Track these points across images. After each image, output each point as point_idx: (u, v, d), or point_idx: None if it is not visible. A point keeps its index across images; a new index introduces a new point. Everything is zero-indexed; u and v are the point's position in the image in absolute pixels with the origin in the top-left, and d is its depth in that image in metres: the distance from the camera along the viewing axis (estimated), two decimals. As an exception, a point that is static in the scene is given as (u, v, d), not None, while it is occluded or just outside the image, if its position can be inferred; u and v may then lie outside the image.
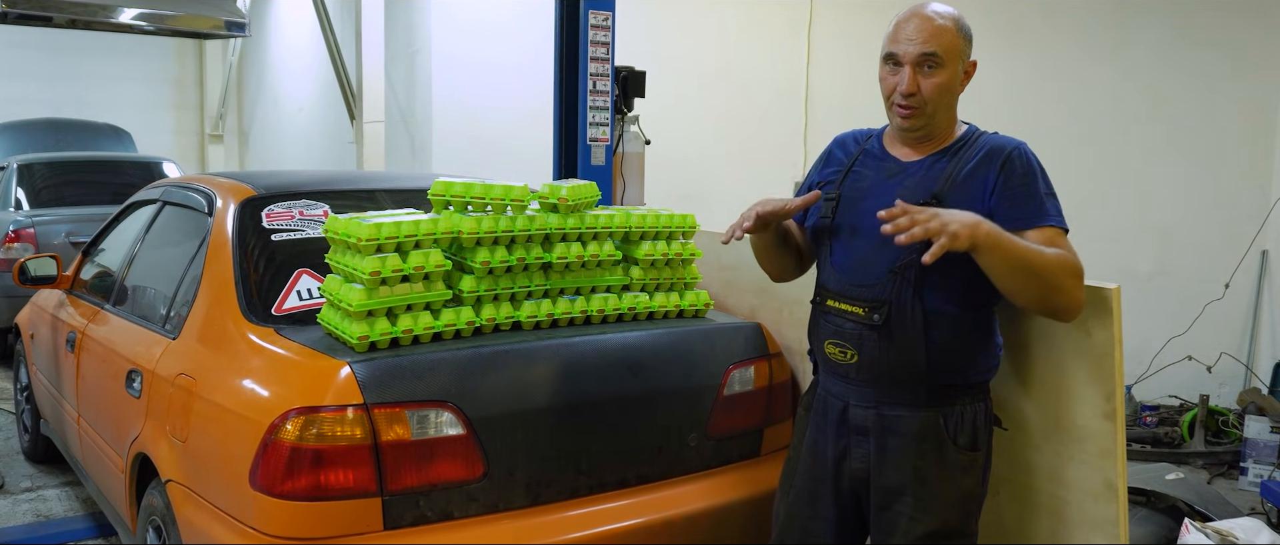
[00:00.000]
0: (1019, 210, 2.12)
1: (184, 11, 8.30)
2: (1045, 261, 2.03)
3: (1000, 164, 2.15)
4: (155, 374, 2.89)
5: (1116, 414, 2.21)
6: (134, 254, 3.66)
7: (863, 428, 2.24)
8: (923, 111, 2.18)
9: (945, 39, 2.14)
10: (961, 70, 2.20)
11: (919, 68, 2.15)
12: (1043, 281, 2.04)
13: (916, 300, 2.14)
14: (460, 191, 2.65)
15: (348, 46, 8.71)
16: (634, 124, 5.57)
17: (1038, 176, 2.16)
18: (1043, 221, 2.12)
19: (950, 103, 2.21)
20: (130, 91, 13.63)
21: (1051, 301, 2.09)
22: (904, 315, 2.15)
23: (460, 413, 2.39)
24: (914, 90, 2.15)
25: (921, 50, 2.14)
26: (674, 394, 2.77)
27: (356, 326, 2.40)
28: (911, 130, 2.22)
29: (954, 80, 2.18)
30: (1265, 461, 4.92)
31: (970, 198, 2.14)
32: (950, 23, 2.17)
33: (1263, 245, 6.06)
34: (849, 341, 2.22)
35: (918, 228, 1.94)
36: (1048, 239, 2.09)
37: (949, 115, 2.24)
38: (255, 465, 2.31)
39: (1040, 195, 2.14)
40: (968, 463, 2.20)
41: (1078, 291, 2.08)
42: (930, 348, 2.15)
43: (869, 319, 2.18)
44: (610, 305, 2.83)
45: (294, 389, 2.36)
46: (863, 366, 2.21)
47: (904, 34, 2.16)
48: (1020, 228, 2.09)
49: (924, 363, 2.16)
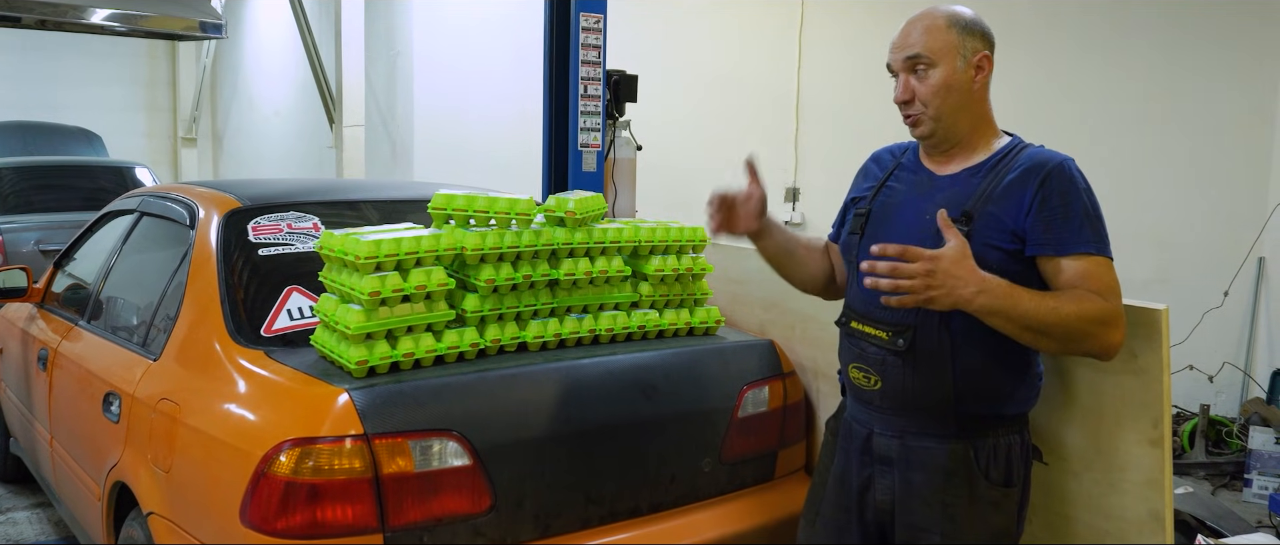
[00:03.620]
0: (1053, 234, 1.95)
1: (158, 12, 8.07)
2: (1060, 318, 1.85)
3: (1039, 181, 1.97)
4: (135, 398, 2.71)
5: (1164, 440, 2.09)
6: (110, 267, 3.48)
7: (887, 457, 2.10)
8: (926, 116, 2.05)
9: (933, 38, 2.02)
10: (965, 66, 2.02)
11: (911, 72, 2.04)
12: (1058, 338, 1.90)
13: (943, 325, 1.99)
14: (462, 205, 2.50)
15: (326, 48, 8.52)
16: (626, 129, 5.43)
17: (1080, 196, 1.97)
18: (1079, 248, 1.93)
19: (961, 103, 2.04)
20: (100, 93, 13.31)
21: (1076, 351, 1.97)
22: (930, 340, 2.01)
23: (466, 442, 2.24)
24: (909, 97, 2.05)
25: (906, 54, 2.04)
26: (687, 417, 2.63)
27: (354, 350, 2.25)
28: (925, 138, 2.10)
29: (954, 78, 2.02)
30: (1270, 473, 4.85)
31: (1003, 216, 1.98)
32: (942, 20, 2.03)
33: (1260, 253, 6.01)
34: (872, 366, 2.09)
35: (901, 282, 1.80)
36: (1084, 270, 1.92)
37: (969, 118, 2.07)
38: (247, 499, 2.15)
39: (1079, 218, 1.94)
40: (1000, 498, 2.05)
41: (1108, 337, 1.90)
42: (958, 375, 2.01)
43: (893, 343, 2.04)
44: (619, 324, 2.69)
45: (288, 418, 2.20)
46: (886, 393, 2.07)
47: (893, 43, 2.07)
48: (1052, 254, 1.94)
49: (951, 391, 2.01)
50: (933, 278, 1.80)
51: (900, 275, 1.81)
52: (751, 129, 6.90)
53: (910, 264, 1.81)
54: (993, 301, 1.83)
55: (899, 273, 1.81)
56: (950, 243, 1.84)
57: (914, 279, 1.80)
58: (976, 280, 1.82)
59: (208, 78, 13.80)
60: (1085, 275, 1.92)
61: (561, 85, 4.91)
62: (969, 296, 1.82)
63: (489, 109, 6.41)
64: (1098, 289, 1.91)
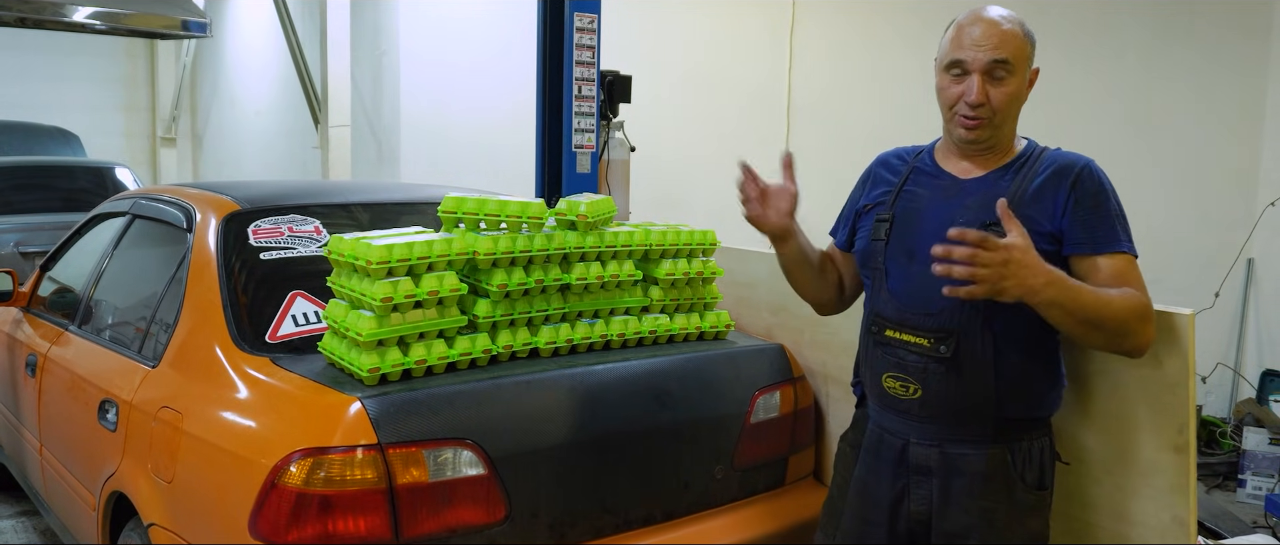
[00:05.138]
0: (1091, 234, 1.97)
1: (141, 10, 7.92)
2: (1114, 311, 1.88)
3: (1071, 183, 2.00)
4: (133, 406, 2.65)
5: (1189, 446, 2.08)
6: (102, 271, 3.40)
7: (925, 467, 2.07)
8: (990, 123, 2.01)
9: (1015, 44, 1.99)
10: (1027, 78, 2.04)
11: (988, 75, 1.98)
12: (1109, 331, 1.90)
13: (986, 329, 1.98)
14: (473, 208, 2.45)
15: (311, 47, 8.40)
16: (619, 130, 5.39)
17: (1110, 196, 2.01)
18: (1115, 247, 1.97)
19: (1016, 113, 2.06)
20: (76, 92, 13.05)
21: (1119, 346, 1.96)
22: (974, 346, 1.99)
23: (481, 450, 2.19)
24: (984, 100, 1.98)
25: (992, 57, 1.97)
26: (700, 424, 2.60)
27: (366, 357, 2.20)
28: (976, 142, 2.05)
29: (1022, 88, 2.03)
30: (1264, 474, 4.87)
31: (1039, 218, 1.98)
32: (1018, 27, 2.02)
33: (1249, 254, 6.04)
34: (912, 375, 2.05)
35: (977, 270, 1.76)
36: (1119, 267, 1.95)
37: (1013, 127, 2.08)
38: (256, 511, 2.09)
39: (1111, 218, 2.00)
40: (1036, 503, 2.06)
41: (1147, 333, 1.93)
42: (1000, 380, 2.00)
43: (935, 350, 2.01)
44: (630, 328, 2.65)
45: (299, 427, 2.14)
46: (928, 402, 2.04)
47: (970, 39, 1.98)
48: (1090, 252, 1.97)
49: (994, 396, 2.00)
50: (1007, 267, 1.77)
51: (978, 263, 1.77)
52: (741, 130, 6.86)
53: (988, 252, 1.77)
54: (1059, 293, 1.82)
55: (977, 261, 1.77)
56: (1013, 233, 1.81)
57: (989, 268, 1.77)
58: (1045, 271, 1.81)
59: (188, 76, 13.60)
60: (1121, 272, 1.95)
61: (555, 86, 4.85)
62: (1039, 286, 1.80)
63: (477, 109, 6.33)
64: (1134, 285, 1.94)
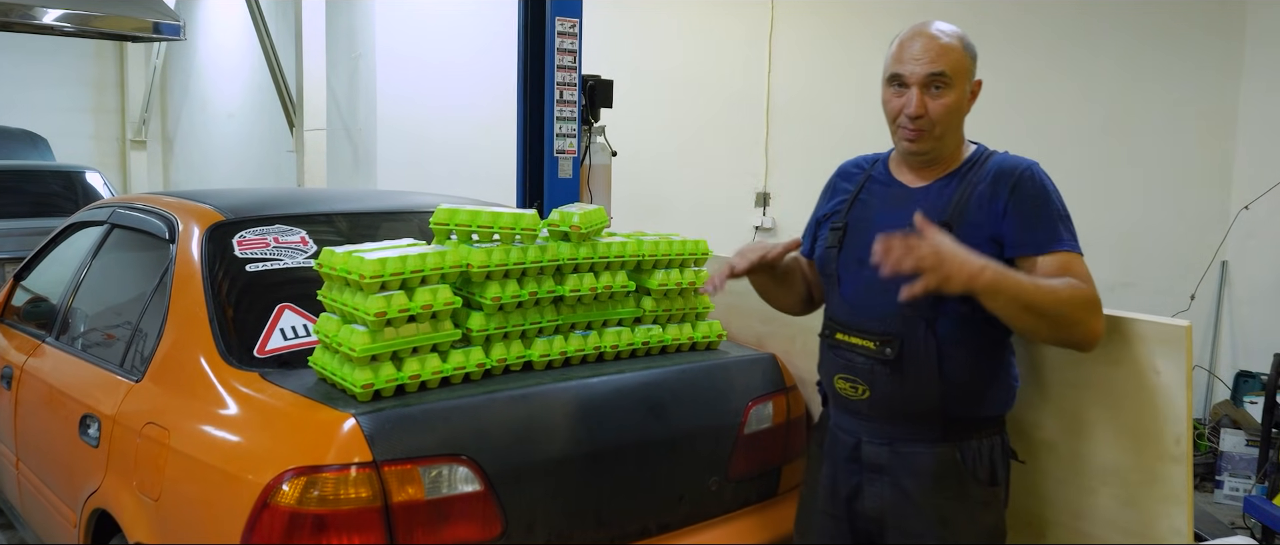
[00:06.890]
0: (1031, 235, 2.02)
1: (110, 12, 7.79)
2: (1056, 299, 1.92)
3: (1011, 186, 2.05)
4: (117, 421, 2.59)
5: (1186, 457, 2.09)
6: (79, 282, 3.34)
7: (877, 465, 2.13)
8: (930, 134, 2.07)
9: (952, 58, 2.04)
10: (968, 90, 2.09)
11: (927, 89, 2.04)
12: (1053, 320, 1.94)
13: (929, 333, 2.04)
14: (466, 220, 2.42)
15: (285, 49, 8.31)
16: (601, 135, 5.37)
17: (1051, 198, 2.06)
18: (1055, 247, 2.01)
19: (958, 124, 2.11)
20: (43, 94, 12.83)
21: (1066, 337, 2.00)
22: (917, 349, 2.05)
23: (477, 466, 2.16)
24: (922, 112, 2.04)
25: (929, 70, 2.03)
26: (695, 435, 2.59)
27: (359, 373, 2.16)
28: (918, 154, 2.11)
29: (962, 100, 2.08)
30: (1241, 475, 4.92)
31: (981, 222, 2.04)
32: (956, 41, 2.07)
33: (1223, 256, 6.11)
34: (860, 376, 2.11)
35: (909, 260, 1.83)
36: (1061, 265, 2.00)
37: (957, 136, 2.13)
38: (248, 532, 2.05)
39: (1053, 219, 2.04)
40: (989, 498, 2.12)
41: (1093, 323, 1.97)
42: (945, 382, 2.05)
43: (880, 353, 2.07)
44: (624, 340, 2.63)
45: (291, 445, 2.10)
46: (876, 402, 2.10)
47: (909, 53, 2.05)
48: (1031, 253, 2.01)
49: (939, 397, 2.06)
50: (941, 254, 1.83)
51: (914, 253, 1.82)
52: (721, 134, 6.88)
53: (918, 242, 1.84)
54: (999, 277, 1.87)
55: (913, 251, 1.82)
56: (931, 233, 1.88)
57: (926, 257, 1.82)
58: (978, 258, 1.87)
59: (158, 79, 13.42)
60: (1065, 268, 1.99)
61: (536, 91, 4.82)
62: (977, 270, 1.85)
63: (455, 113, 6.29)
64: (1079, 278, 1.98)
